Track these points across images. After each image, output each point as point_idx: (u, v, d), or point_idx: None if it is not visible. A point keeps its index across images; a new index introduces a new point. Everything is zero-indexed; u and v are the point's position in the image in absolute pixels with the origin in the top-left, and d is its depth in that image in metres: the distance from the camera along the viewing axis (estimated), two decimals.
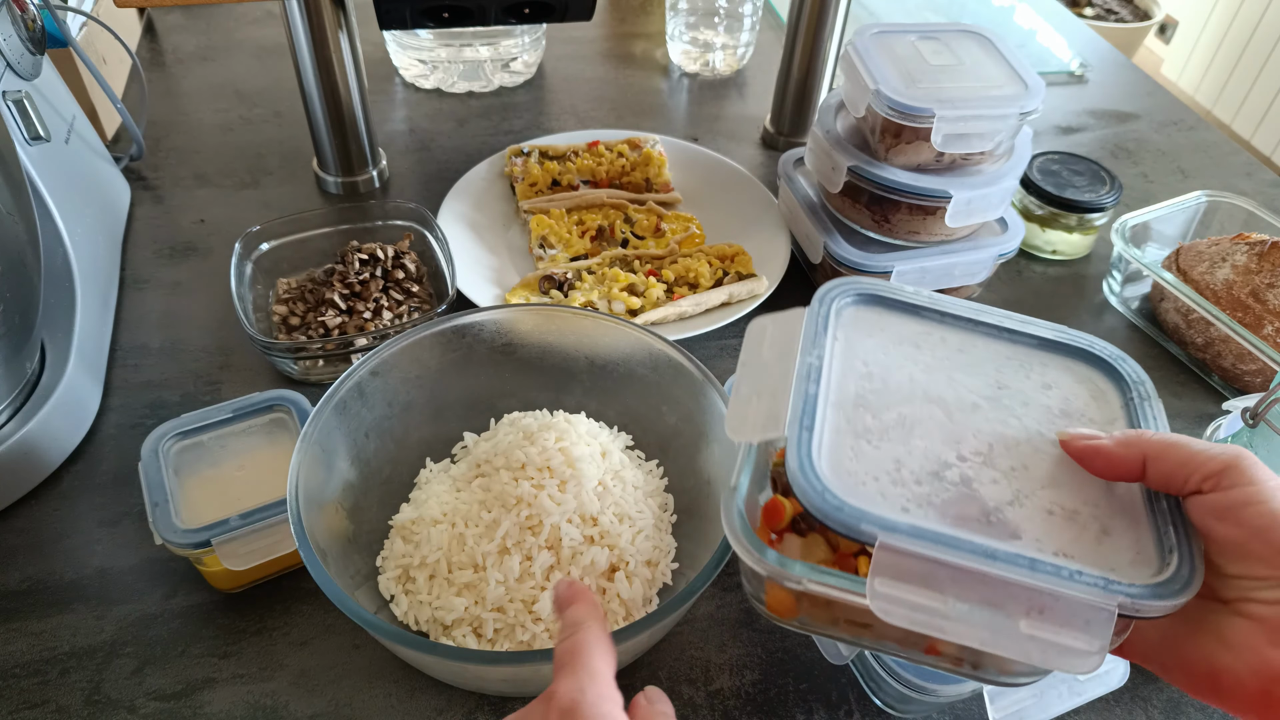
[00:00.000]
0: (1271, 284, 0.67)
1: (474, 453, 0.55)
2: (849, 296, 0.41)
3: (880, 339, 0.40)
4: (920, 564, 0.31)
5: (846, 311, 0.41)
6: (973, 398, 0.38)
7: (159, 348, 0.67)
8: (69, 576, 0.53)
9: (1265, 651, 0.30)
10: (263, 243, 0.69)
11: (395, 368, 0.53)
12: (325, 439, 0.49)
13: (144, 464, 0.51)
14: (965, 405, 0.37)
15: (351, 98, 0.76)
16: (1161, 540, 0.33)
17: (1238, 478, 0.31)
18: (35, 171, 0.60)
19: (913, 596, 0.31)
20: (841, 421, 0.36)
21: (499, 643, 0.47)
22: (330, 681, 0.50)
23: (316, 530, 0.45)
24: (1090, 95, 1.08)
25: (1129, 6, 2.62)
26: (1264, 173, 0.97)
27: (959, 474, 0.35)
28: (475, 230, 0.78)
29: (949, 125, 0.62)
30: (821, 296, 0.40)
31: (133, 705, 0.48)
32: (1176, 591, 0.31)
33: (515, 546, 0.48)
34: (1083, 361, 0.40)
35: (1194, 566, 0.31)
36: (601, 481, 0.52)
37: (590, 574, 0.49)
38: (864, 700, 0.50)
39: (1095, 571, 0.31)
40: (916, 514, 0.33)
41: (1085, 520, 0.34)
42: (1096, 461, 0.35)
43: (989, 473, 0.35)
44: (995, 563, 0.31)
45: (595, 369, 0.58)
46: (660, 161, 0.85)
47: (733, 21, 1.02)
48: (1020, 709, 0.45)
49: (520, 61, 0.99)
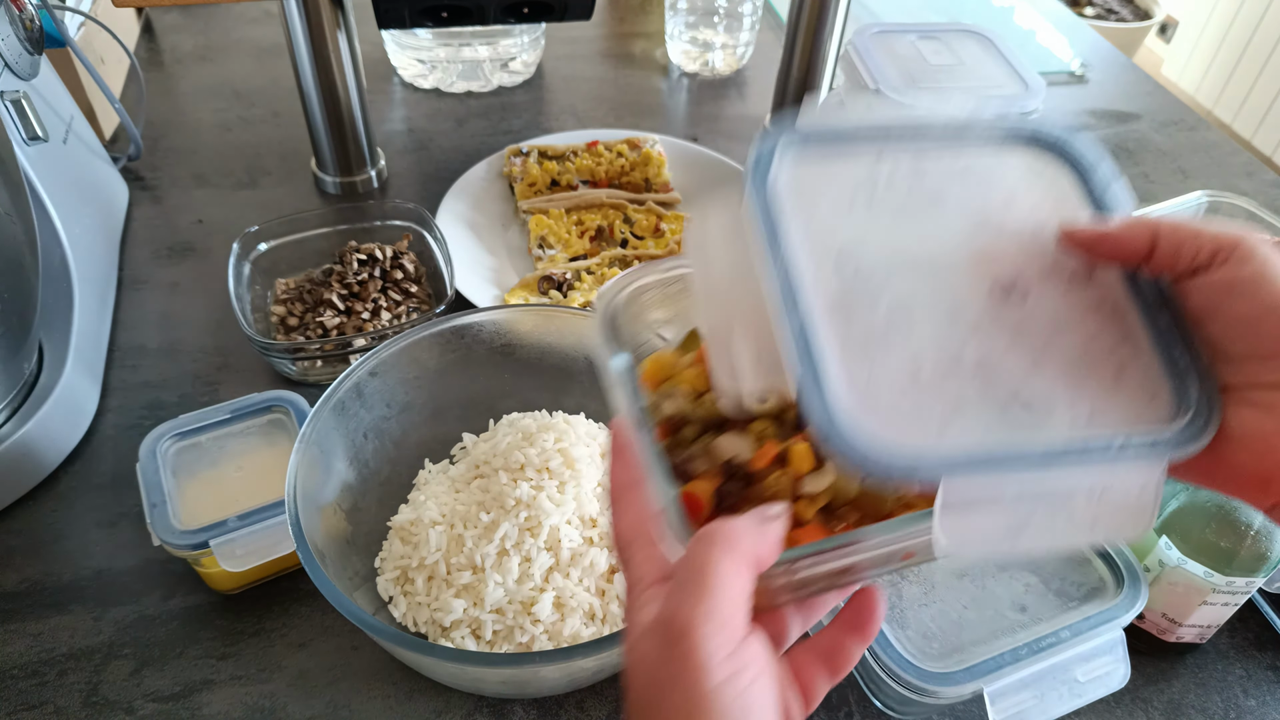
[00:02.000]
0: None
1: (473, 454, 0.55)
2: (784, 158, 0.36)
3: (832, 199, 0.36)
4: (984, 488, 0.30)
5: (785, 179, 0.36)
6: (949, 246, 0.35)
7: (157, 348, 0.67)
8: (67, 578, 0.53)
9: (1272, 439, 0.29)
10: (261, 243, 0.69)
11: (393, 368, 0.53)
12: (323, 440, 0.48)
13: (142, 465, 0.51)
14: (944, 259, 0.35)
15: (350, 97, 0.76)
16: (1168, 361, 0.32)
17: (1248, 251, 0.30)
18: (33, 172, 0.60)
19: (982, 526, 0.30)
20: (842, 336, 0.32)
21: (498, 644, 0.47)
22: (329, 683, 0.49)
23: (314, 532, 0.45)
24: (1090, 95, 1.08)
25: (1129, 6, 2.62)
26: (1264, 173, 0.97)
27: (975, 354, 0.32)
28: (474, 230, 0.78)
29: None
30: (755, 175, 0.35)
31: (131, 706, 0.48)
32: (1202, 429, 0.31)
33: (514, 548, 0.48)
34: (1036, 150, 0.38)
35: (1210, 391, 0.31)
36: (601, 482, 0.51)
37: (590, 575, 0.49)
38: (864, 701, 0.50)
39: (1133, 433, 0.31)
40: (958, 426, 0.31)
41: (1098, 360, 0.33)
42: (1104, 246, 0.33)
43: (1000, 339, 0.33)
44: (1053, 467, 0.30)
45: (594, 369, 0.57)
46: (659, 161, 0.84)
47: (732, 21, 1.02)
48: (1021, 710, 0.45)
49: (519, 61, 0.99)
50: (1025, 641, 0.45)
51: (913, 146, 0.37)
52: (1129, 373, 0.32)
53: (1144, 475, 0.31)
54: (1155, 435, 0.31)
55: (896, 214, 0.36)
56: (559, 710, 0.49)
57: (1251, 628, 0.55)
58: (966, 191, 0.37)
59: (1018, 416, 0.32)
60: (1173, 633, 0.52)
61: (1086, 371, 0.32)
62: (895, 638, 0.46)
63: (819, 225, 0.35)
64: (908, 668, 0.44)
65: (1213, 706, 0.51)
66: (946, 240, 0.35)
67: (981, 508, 0.30)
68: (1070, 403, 0.32)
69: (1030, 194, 0.37)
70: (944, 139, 0.38)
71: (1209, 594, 0.49)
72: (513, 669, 0.41)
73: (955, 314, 0.33)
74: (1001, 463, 0.30)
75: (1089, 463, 0.30)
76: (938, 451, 0.30)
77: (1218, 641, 0.54)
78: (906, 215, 0.36)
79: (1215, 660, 0.54)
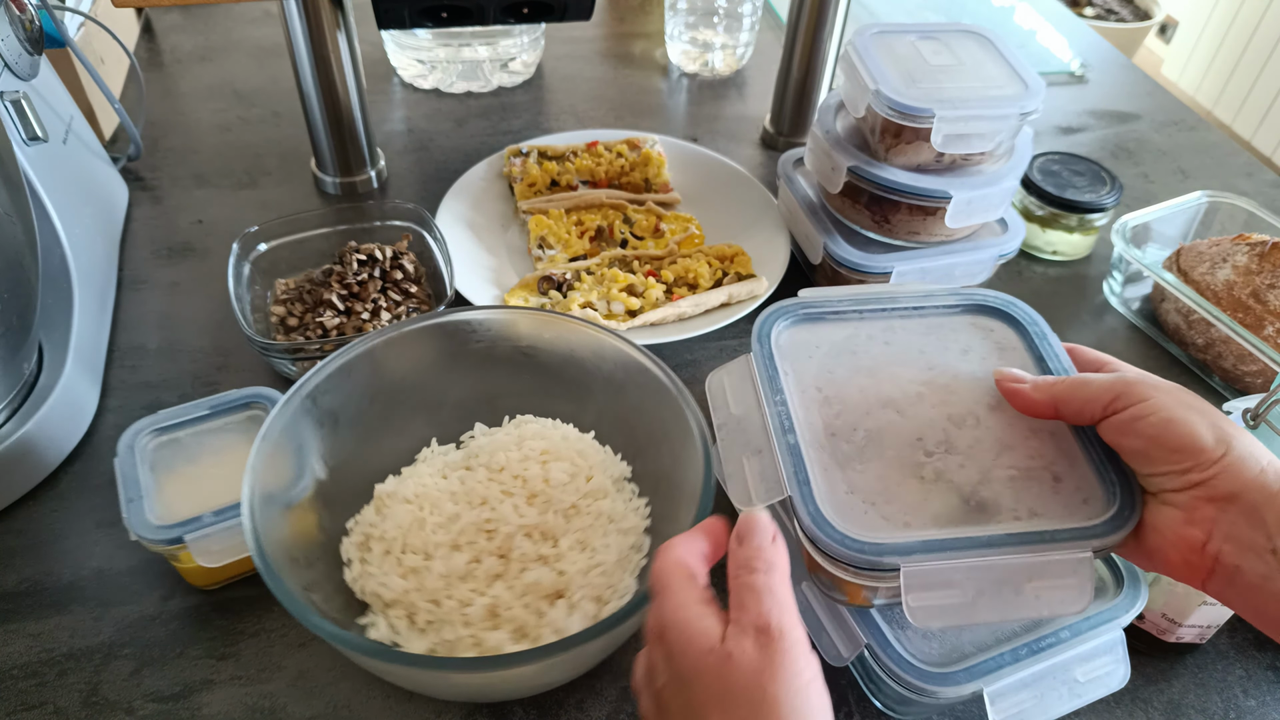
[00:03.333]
0: (1272, 285, 0.67)
1: (472, 445, 0.55)
2: (782, 324, 0.47)
3: (820, 358, 0.45)
4: (938, 572, 0.37)
5: (784, 339, 0.46)
6: (915, 388, 0.44)
7: (157, 348, 0.67)
8: (67, 578, 0.53)
9: (1182, 530, 0.36)
10: (261, 243, 0.69)
11: (365, 365, 0.52)
12: (294, 433, 0.48)
13: (120, 460, 0.51)
14: (911, 397, 0.43)
15: (350, 98, 0.76)
16: (1100, 474, 0.40)
17: (1130, 398, 0.38)
18: (33, 172, 0.60)
19: (940, 601, 0.37)
20: (825, 458, 0.41)
21: (428, 633, 0.47)
22: (329, 683, 0.49)
23: (279, 529, 0.45)
24: (1090, 95, 1.08)
25: (1129, 6, 2.62)
26: (1264, 173, 0.97)
27: (933, 470, 0.40)
28: (474, 231, 0.78)
29: (949, 125, 0.61)
30: (759, 335, 0.46)
31: (130, 707, 0.48)
32: (1125, 521, 0.38)
33: (467, 545, 0.48)
34: (984, 315, 0.47)
35: (1132, 494, 0.39)
36: (575, 505, 0.50)
37: (532, 592, 0.47)
38: (864, 702, 0.50)
39: (1066, 526, 0.38)
40: (916, 524, 0.39)
41: (1038, 473, 0.40)
42: (1017, 401, 0.42)
43: (954, 459, 0.41)
44: (994, 550, 0.37)
45: (612, 388, 0.55)
46: (659, 162, 0.84)
47: (732, 21, 1.02)
48: (1020, 710, 0.45)
49: (519, 61, 0.99)
50: (1025, 642, 0.45)
51: (885, 315, 0.47)
52: (1065, 483, 0.40)
53: (1075, 560, 0.38)
54: (1079, 529, 0.38)
55: (872, 365, 0.45)
56: (559, 710, 0.49)
57: (1251, 628, 0.55)
58: (926, 350, 0.46)
59: (969, 515, 0.39)
60: (1172, 633, 0.52)
61: (1028, 481, 0.40)
62: (895, 638, 0.46)
63: (809, 374, 0.45)
64: (907, 668, 0.44)
65: (1212, 707, 0.51)
66: (913, 384, 0.44)
67: (939, 587, 0.37)
68: (1014, 505, 0.39)
69: (982, 346, 0.46)
70: (911, 307, 0.47)
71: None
72: (424, 671, 0.41)
73: (917, 440, 0.42)
74: (950, 549, 0.37)
75: (1024, 547, 0.38)
76: (900, 541, 0.38)
77: (1217, 642, 0.54)
78: (880, 366, 0.45)
79: (1215, 660, 0.54)
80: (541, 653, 0.40)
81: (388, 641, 0.47)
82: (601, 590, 0.48)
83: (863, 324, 0.47)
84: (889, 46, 0.67)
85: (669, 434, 0.50)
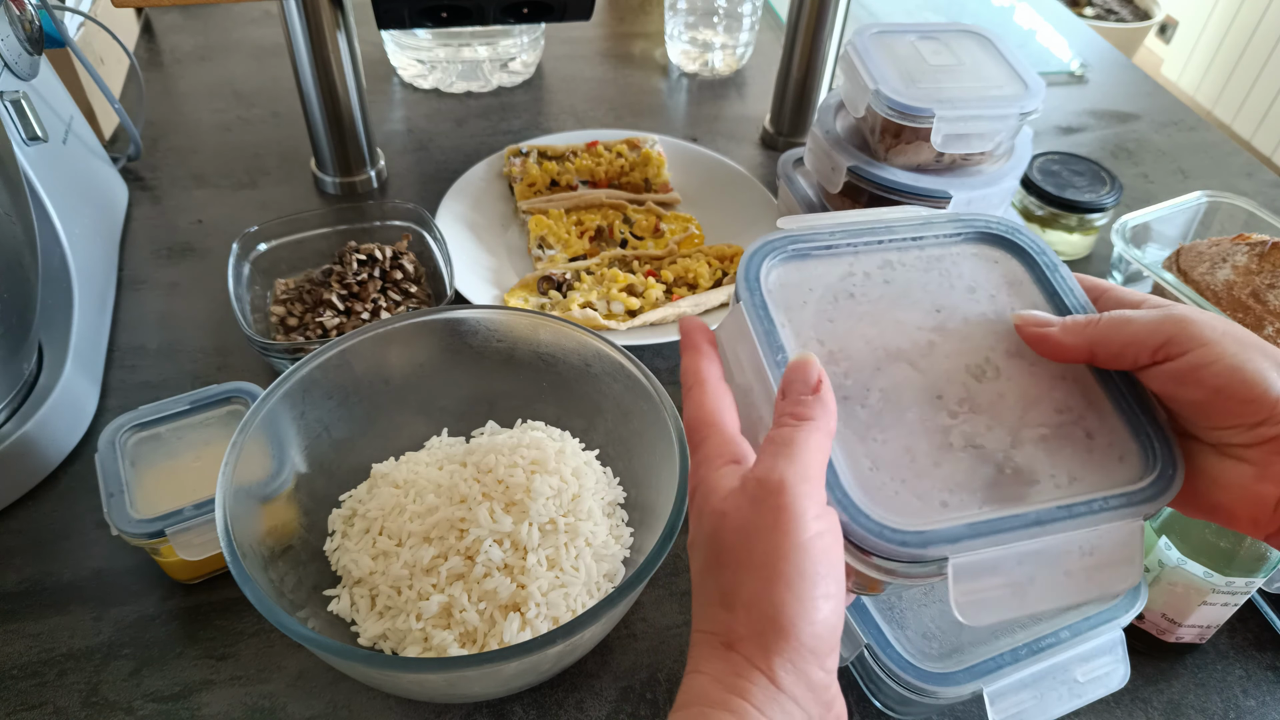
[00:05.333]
0: (1272, 285, 0.67)
1: (475, 441, 0.55)
2: (770, 263, 0.40)
3: (815, 303, 0.39)
4: (990, 560, 0.33)
5: (773, 281, 0.39)
6: (925, 335, 0.38)
7: (156, 348, 0.67)
8: (67, 578, 0.53)
9: (1254, 487, 0.32)
10: (260, 243, 0.69)
11: (350, 364, 0.53)
12: (275, 427, 0.49)
13: (100, 455, 0.51)
14: (922, 347, 0.38)
15: (349, 98, 0.76)
16: (1131, 425, 0.36)
17: (1185, 342, 0.33)
18: (33, 172, 0.60)
19: (990, 593, 0.33)
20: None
21: (384, 618, 0.47)
22: (329, 683, 0.49)
23: (255, 525, 0.45)
24: (1090, 95, 1.08)
25: (1129, 6, 2.62)
26: (1264, 173, 0.97)
27: (960, 435, 0.35)
28: (474, 231, 0.78)
29: (949, 125, 0.61)
30: (747, 278, 0.39)
31: (130, 707, 0.48)
32: (1171, 481, 0.34)
33: (438, 540, 0.48)
34: (989, 244, 0.42)
35: (1170, 448, 0.35)
36: (553, 520, 0.49)
37: (489, 600, 0.46)
38: (864, 702, 0.50)
39: (1113, 492, 0.34)
40: (954, 504, 0.34)
41: (1068, 429, 0.36)
42: (1044, 348, 0.37)
43: (980, 420, 0.36)
44: (1043, 527, 0.33)
45: (619, 412, 0.54)
46: (659, 162, 0.84)
47: (732, 21, 1.02)
48: (1020, 710, 0.45)
49: (519, 61, 0.99)
50: (1025, 642, 0.45)
51: (880, 247, 0.41)
52: (1098, 439, 0.36)
53: (1125, 529, 0.34)
54: (1129, 493, 0.34)
55: (874, 310, 0.39)
56: (559, 710, 0.49)
57: (1251, 628, 0.55)
58: (930, 288, 0.40)
59: (1006, 486, 0.35)
60: (1172, 633, 0.52)
61: (1061, 441, 0.36)
62: (895, 638, 0.46)
63: (806, 324, 0.38)
64: (907, 668, 0.44)
65: (1212, 707, 0.51)
66: (921, 330, 0.39)
67: (988, 576, 0.33)
68: (1051, 471, 0.35)
69: (989, 281, 0.41)
70: (908, 238, 0.42)
71: (1208, 594, 0.49)
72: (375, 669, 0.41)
73: (937, 398, 0.37)
74: (1000, 531, 0.33)
75: (1074, 520, 0.34)
76: (943, 527, 0.33)
77: (1217, 642, 0.54)
78: (883, 311, 0.39)
79: (1215, 660, 0.54)
80: (484, 658, 0.39)
81: (347, 619, 0.48)
82: (560, 612, 0.47)
83: (858, 259, 0.41)
84: (889, 46, 0.67)
85: (660, 463, 0.50)
